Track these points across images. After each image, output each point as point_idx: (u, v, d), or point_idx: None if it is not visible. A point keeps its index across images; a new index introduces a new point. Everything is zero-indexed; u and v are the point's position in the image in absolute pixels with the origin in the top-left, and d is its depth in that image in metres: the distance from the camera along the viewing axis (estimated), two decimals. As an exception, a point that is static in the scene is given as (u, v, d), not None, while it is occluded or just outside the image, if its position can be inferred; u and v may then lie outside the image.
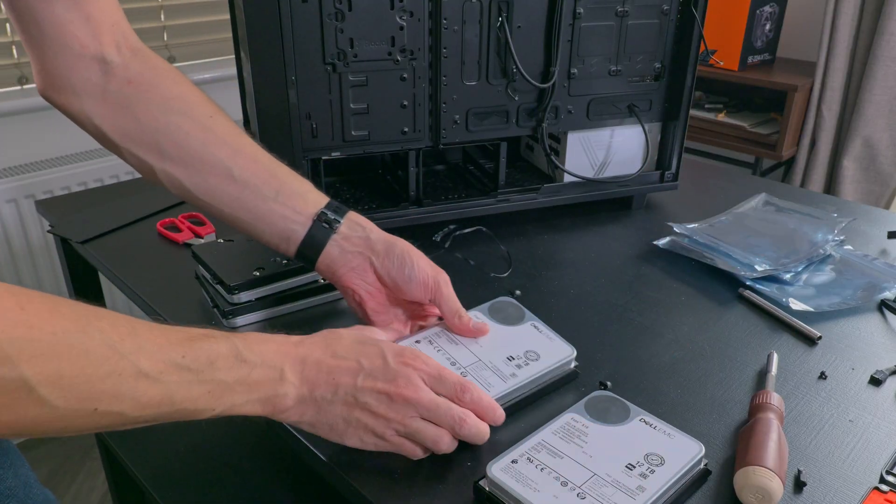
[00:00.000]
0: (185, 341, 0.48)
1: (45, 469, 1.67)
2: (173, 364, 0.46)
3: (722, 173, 1.20)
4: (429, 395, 0.54)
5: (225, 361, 0.49)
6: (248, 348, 0.51)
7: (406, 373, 0.54)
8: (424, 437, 0.54)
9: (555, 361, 0.63)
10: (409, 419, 0.54)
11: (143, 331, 0.46)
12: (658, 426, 0.56)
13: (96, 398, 0.43)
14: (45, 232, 1.60)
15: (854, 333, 0.75)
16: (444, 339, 0.65)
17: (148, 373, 0.45)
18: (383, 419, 0.54)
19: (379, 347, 0.56)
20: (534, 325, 0.68)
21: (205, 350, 0.49)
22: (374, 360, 0.55)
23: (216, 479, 1.01)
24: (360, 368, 0.54)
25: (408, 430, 0.54)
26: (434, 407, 0.54)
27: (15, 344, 0.39)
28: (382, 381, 0.54)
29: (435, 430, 0.54)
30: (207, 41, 1.88)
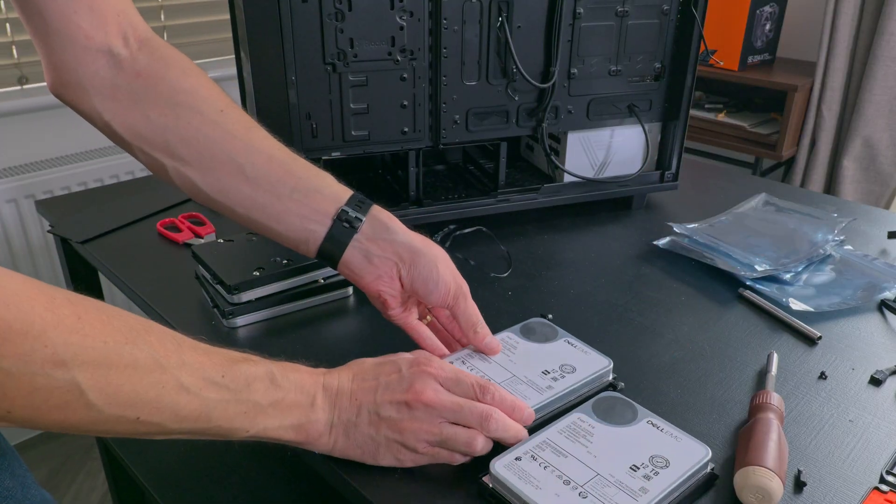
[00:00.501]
0: (225, 362, 0.50)
1: (45, 469, 1.67)
2: (212, 382, 0.48)
3: (722, 173, 1.20)
4: (448, 396, 0.54)
5: (261, 384, 0.51)
6: (283, 374, 0.53)
7: (422, 378, 0.54)
8: (457, 441, 0.54)
9: (591, 372, 0.63)
10: (436, 426, 0.53)
11: (187, 348, 0.48)
12: (665, 428, 0.56)
13: (139, 407, 0.45)
14: (45, 232, 1.60)
15: (854, 333, 0.75)
16: (477, 358, 0.64)
17: (189, 387, 0.47)
18: (410, 431, 0.53)
19: (396, 363, 0.56)
20: (567, 341, 0.67)
21: (242, 372, 0.50)
22: (390, 375, 0.55)
23: (216, 479, 1.01)
24: (377, 385, 0.55)
25: (439, 438, 0.53)
26: (457, 408, 0.53)
27: (70, 349, 0.41)
28: (399, 392, 0.54)
29: (465, 431, 0.54)
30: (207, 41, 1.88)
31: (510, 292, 0.82)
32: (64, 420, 0.43)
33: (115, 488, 1.24)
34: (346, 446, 0.55)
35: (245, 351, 0.53)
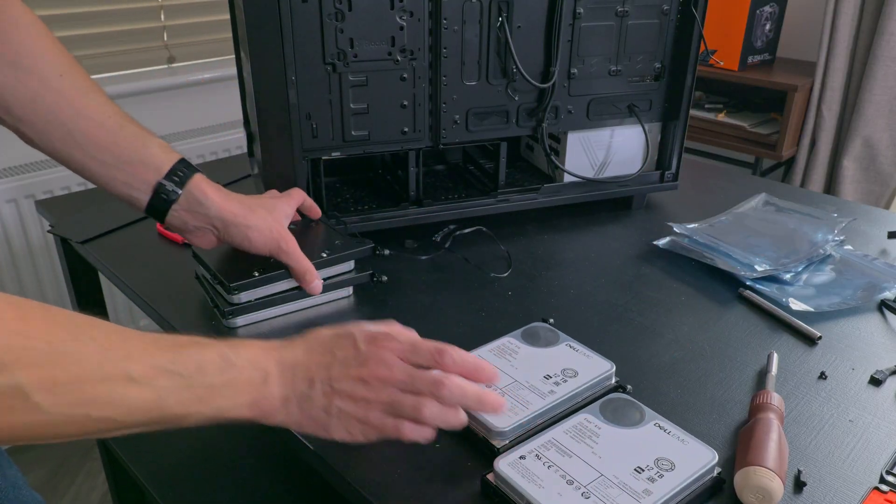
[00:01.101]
0: (173, 347, 0.49)
1: (44, 469, 1.67)
2: (163, 370, 0.47)
3: (722, 173, 1.20)
4: (401, 367, 0.53)
5: (212, 366, 0.50)
6: (235, 352, 0.52)
7: (378, 354, 0.53)
8: (403, 407, 0.53)
9: (593, 377, 0.63)
10: (390, 396, 0.53)
11: (133, 338, 0.48)
12: (673, 431, 0.56)
13: (88, 404, 0.44)
14: (45, 232, 1.60)
15: (854, 333, 0.75)
16: None
17: (138, 378, 0.46)
18: (363, 401, 0.53)
19: (352, 336, 0.55)
20: (569, 345, 0.67)
21: (193, 356, 0.50)
22: (346, 349, 0.54)
23: (216, 479, 1.01)
24: (333, 360, 0.54)
25: (388, 407, 0.53)
26: (408, 378, 0.53)
27: (12, 352, 0.41)
28: (356, 367, 0.53)
29: (413, 398, 0.53)
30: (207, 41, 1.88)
31: (510, 292, 0.82)
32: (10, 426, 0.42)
33: (115, 488, 1.24)
34: (300, 419, 0.54)
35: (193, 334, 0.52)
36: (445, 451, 0.58)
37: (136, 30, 1.74)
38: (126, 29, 1.72)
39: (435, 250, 0.91)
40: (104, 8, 1.67)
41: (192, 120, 1.83)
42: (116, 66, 1.73)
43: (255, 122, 0.84)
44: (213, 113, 1.84)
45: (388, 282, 0.83)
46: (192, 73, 1.81)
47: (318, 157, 0.86)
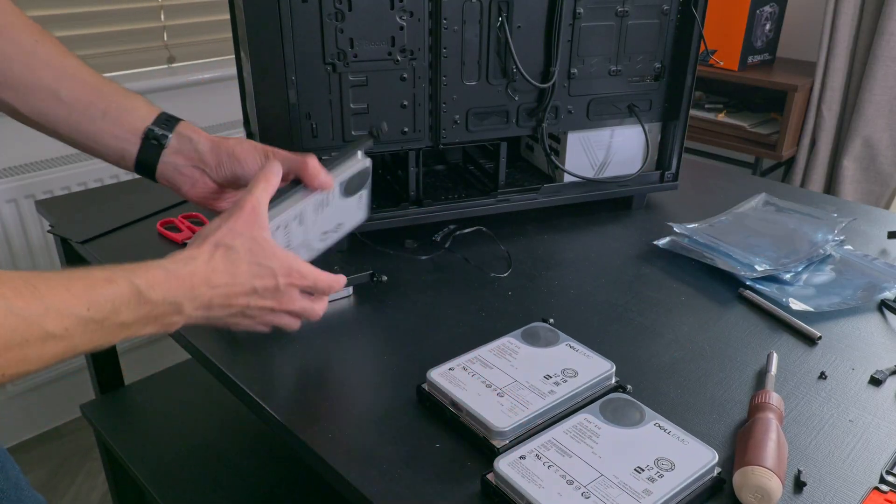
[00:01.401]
0: (86, 290, 0.49)
1: (44, 469, 1.67)
2: (79, 318, 0.48)
3: (722, 173, 1.20)
4: (301, 303, 0.63)
5: (127, 306, 0.51)
6: (151, 288, 0.53)
7: (290, 291, 0.61)
8: (288, 327, 0.65)
9: (593, 377, 0.63)
10: (277, 318, 0.63)
11: (44, 288, 0.46)
12: (673, 431, 0.56)
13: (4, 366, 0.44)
14: (45, 232, 1.60)
15: (854, 333, 0.75)
16: (479, 364, 0.64)
17: (55, 333, 0.46)
18: (260, 321, 0.62)
19: (271, 268, 0.60)
20: (569, 345, 0.67)
21: (108, 299, 0.50)
22: (266, 282, 0.60)
23: (216, 479, 1.01)
24: (253, 291, 0.59)
25: (273, 324, 0.63)
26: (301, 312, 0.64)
27: None
28: (271, 300, 0.61)
29: (295, 321, 0.64)
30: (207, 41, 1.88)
31: (510, 292, 0.82)
32: None
33: (115, 488, 1.24)
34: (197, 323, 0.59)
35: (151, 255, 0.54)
36: (445, 451, 0.58)
37: (136, 30, 1.74)
38: (126, 29, 1.72)
39: (435, 250, 0.91)
40: (104, 8, 1.67)
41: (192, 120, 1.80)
42: (116, 66, 1.73)
43: (255, 122, 0.84)
44: (213, 113, 1.84)
45: (388, 282, 0.83)
46: (192, 73, 1.81)
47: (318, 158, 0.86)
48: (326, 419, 0.62)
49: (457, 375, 0.62)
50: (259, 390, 0.65)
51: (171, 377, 1.24)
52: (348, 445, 0.59)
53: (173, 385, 1.22)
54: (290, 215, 0.65)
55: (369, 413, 0.63)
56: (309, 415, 0.63)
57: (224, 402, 1.16)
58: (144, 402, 1.18)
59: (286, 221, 0.65)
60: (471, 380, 0.62)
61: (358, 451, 0.58)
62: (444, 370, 0.63)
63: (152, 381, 1.24)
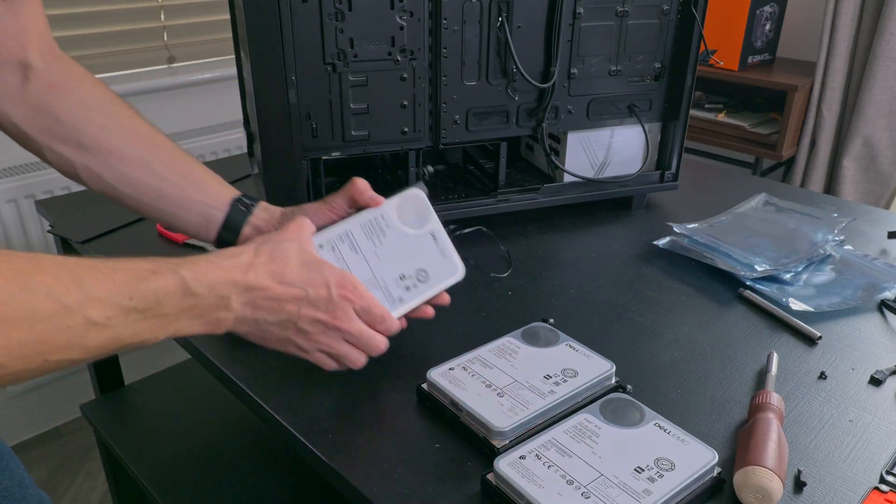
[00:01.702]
0: (130, 281, 0.49)
1: (44, 469, 1.67)
2: (121, 308, 0.48)
3: (722, 173, 1.20)
4: (358, 325, 0.60)
5: (172, 297, 0.51)
6: (196, 280, 0.52)
7: (344, 306, 0.59)
8: (347, 359, 0.61)
9: (593, 377, 0.63)
10: (336, 344, 0.60)
11: (87, 277, 0.46)
12: (673, 431, 0.56)
13: (46, 353, 0.44)
14: (45, 232, 1.60)
15: (854, 333, 0.75)
16: (479, 364, 0.64)
17: (97, 321, 0.46)
18: (314, 341, 0.59)
19: (324, 276, 0.58)
20: (569, 345, 0.67)
21: (152, 289, 0.50)
22: (318, 290, 0.58)
23: (216, 479, 1.01)
24: (304, 296, 0.58)
25: (333, 352, 0.60)
26: (359, 336, 0.60)
27: None
28: (323, 312, 0.58)
29: (356, 352, 0.61)
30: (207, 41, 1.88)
31: (510, 292, 0.82)
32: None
33: (115, 488, 1.24)
34: (248, 333, 0.58)
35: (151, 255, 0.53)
36: (445, 451, 0.58)
37: (136, 30, 1.74)
38: (126, 29, 1.72)
39: (435, 250, 0.91)
40: (104, 8, 1.67)
41: (192, 120, 1.83)
42: (116, 66, 1.73)
43: (255, 122, 0.84)
44: (213, 113, 1.84)
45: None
46: (192, 73, 1.81)
47: (318, 157, 0.86)
48: (326, 419, 0.62)
49: (457, 375, 0.62)
50: (259, 390, 0.65)
51: (171, 377, 1.24)
52: (348, 445, 0.59)
53: (173, 385, 1.22)
54: (335, 233, 0.65)
55: (369, 413, 0.63)
56: (309, 415, 0.62)
57: (224, 402, 1.16)
58: (144, 402, 1.18)
59: (331, 239, 0.64)
60: (471, 380, 0.62)
61: (358, 451, 0.58)
62: (444, 370, 0.63)
63: (152, 381, 1.24)
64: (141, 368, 1.44)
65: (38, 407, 1.75)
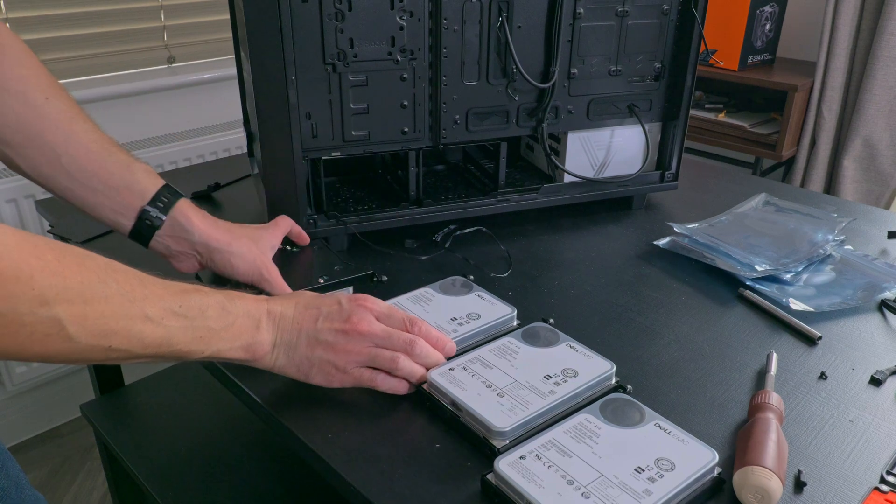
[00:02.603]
0: (180, 293, 0.55)
1: (44, 469, 1.67)
2: (172, 312, 0.54)
3: (722, 173, 1.20)
4: (380, 326, 0.62)
5: (214, 311, 0.57)
6: (231, 302, 0.59)
7: (359, 311, 0.61)
8: (382, 361, 0.61)
9: (593, 377, 0.63)
10: (366, 349, 0.61)
11: (148, 282, 0.54)
12: (673, 431, 0.56)
13: (111, 336, 0.50)
14: (45, 232, 1.60)
15: (854, 333, 0.75)
16: (479, 364, 0.64)
17: (152, 317, 0.52)
18: (343, 353, 0.61)
19: (336, 296, 0.63)
20: (569, 345, 0.67)
21: (197, 302, 0.56)
22: (331, 305, 0.62)
23: (216, 479, 1.01)
24: (319, 314, 0.62)
25: (366, 359, 0.61)
26: (386, 335, 0.61)
27: (53, 290, 0.46)
28: (339, 321, 0.61)
29: (390, 353, 0.61)
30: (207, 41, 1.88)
31: (510, 292, 0.82)
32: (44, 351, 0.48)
33: (115, 488, 1.24)
34: (285, 364, 0.61)
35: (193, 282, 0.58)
36: (445, 451, 0.58)
37: (136, 30, 1.74)
38: (126, 29, 1.72)
39: (435, 250, 0.91)
40: (104, 8, 1.67)
41: (192, 120, 1.83)
42: (116, 66, 1.73)
43: (255, 122, 0.84)
44: (213, 113, 1.84)
45: (388, 282, 0.83)
46: (192, 73, 1.81)
47: (318, 157, 0.86)
48: (326, 419, 0.62)
49: (457, 375, 0.62)
50: (259, 390, 0.65)
51: (171, 377, 1.24)
52: (348, 445, 0.59)
53: (173, 385, 1.22)
54: None
55: (369, 413, 0.63)
56: (309, 415, 0.62)
57: (224, 402, 1.16)
58: (144, 402, 1.18)
59: None
60: (471, 380, 0.62)
61: (358, 451, 0.58)
62: (444, 370, 0.63)
63: (152, 381, 1.24)
64: (141, 368, 1.45)
65: (38, 407, 1.75)
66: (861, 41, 1.95)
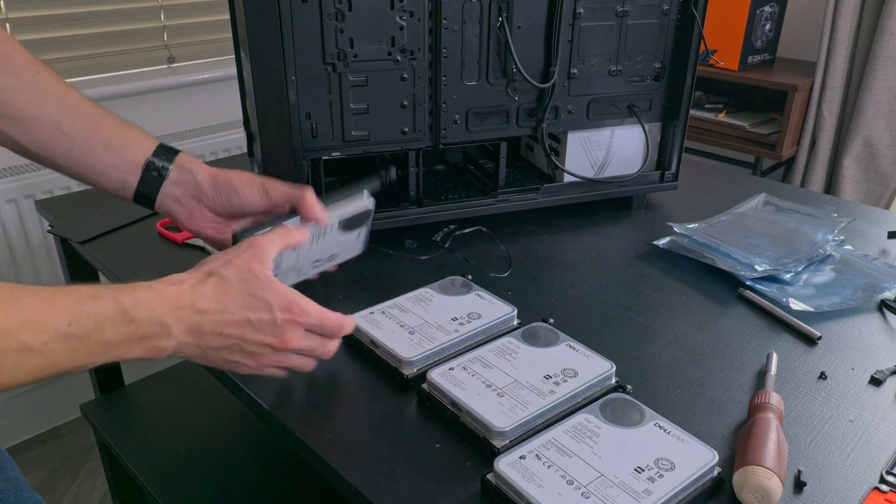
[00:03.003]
0: (70, 306, 0.48)
1: (44, 469, 1.67)
2: (59, 333, 0.47)
3: (722, 173, 1.20)
4: (308, 342, 0.60)
5: (112, 324, 0.50)
6: (137, 306, 0.52)
7: (291, 329, 0.58)
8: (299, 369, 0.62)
9: (593, 377, 0.63)
10: (286, 359, 0.60)
11: (27, 301, 0.46)
12: (673, 431, 0.56)
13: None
14: (45, 232, 1.60)
15: (854, 333, 0.75)
16: (479, 364, 0.64)
17: (33, 346, 0.45)
18: (263, 360, 0.59)
19: (267, 301, 0.57)
20: (569, 345, 0.67)
21: (91, 315, 0.49)
22: (261, 315, 0.57)
23: (216, 479, 1.01)
24: (247, 323, 0.57)
25: (283, 366, 0.61)
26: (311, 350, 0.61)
27: None
28: (270, 336, 0.58)
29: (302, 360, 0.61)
30: (207, 41, 1.88)
31: (510, 292, 0.82)
32: None
33: (115, 488, 1.24)
34: (192, 356, 0.57)
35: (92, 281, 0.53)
36: (445, 451, 0.58)
37: (136, 30, 1.74)
38: (126, 29, 1.72)
39: (435, 250, 0.91)
40: (104, 8, 1.67)
41: (192, 120, 1.83)
42: (116, 66, 1.73)
43: (255, 122, 0.84)
44: (213, 113, 1.84)
45: (389, 282, 0.83)
46: (192, 73, 1.81)
47: (318, 157, 0.86)
48: (326, 419, 0.62)
49: (457, 375, 0.62)
50: (259, 391, 0.65)
51: (171, 377, 1.24)
52: (348, 445, 0.59)
53: (173, 385, 1.22)
54: None
55: (369, 413, 0.63)
56: (309, 415, 0.63)
57: (224, 402, 1.16)
58: (144, 402, 1.18)
59: None
60: (471, 380, 0.62)
61: (358, 451, 0.58)
62: (444, 370, 0.63)
63: (152, 381, 1.24)
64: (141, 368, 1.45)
65: (38, 407, 1.75)
66: (861, 41, 1.95)
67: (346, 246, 0.75)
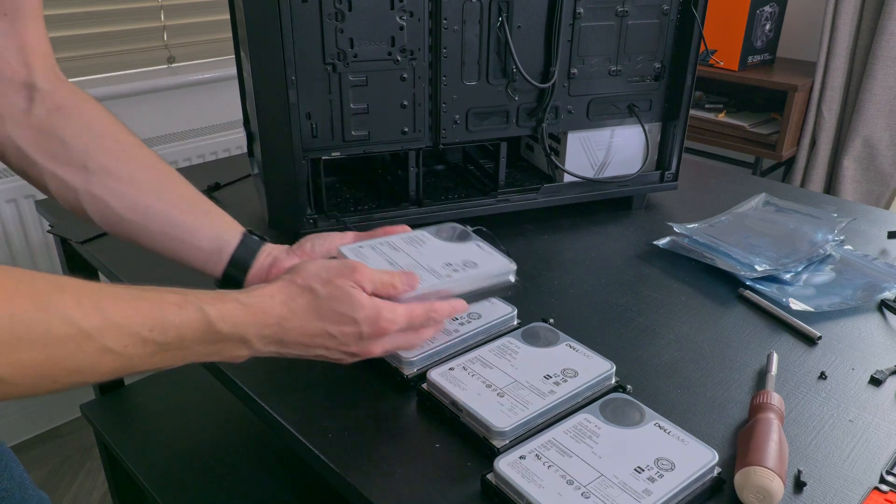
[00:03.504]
0: (153, 311, 0.48)
1: (44, 469, 1.67)
2: (140, 338, 0.47)
3: (722, 173, 1.20)
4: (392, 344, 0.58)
5: (194, 334, 0.50)
6: (222, 318, 0.51)
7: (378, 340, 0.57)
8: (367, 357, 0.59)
9: (593, 377, 0.63)
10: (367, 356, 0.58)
11: (109, 303, 0.46)
12: (673, 431, 0.56)
13: (56, 375, 0.44)
14: (45, 232, 1.60)
15: (854, 333, 0.75)
16: (479, 364, 0.64)
17: (113, 349, 0.45)
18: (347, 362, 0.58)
19: (354, 319, 0.55)
20: (569, 345, 0.67)
21: (174, 325, 0.49)
22: (347, 329, 0.56)
23: (216, 479, 1.01)
24: (330, 338, 0.56)
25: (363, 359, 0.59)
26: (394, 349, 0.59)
27: None
28: (354, 346, 0.56)
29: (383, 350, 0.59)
30: (207, 41, 1.88)
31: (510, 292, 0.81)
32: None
33: (115, 488, 1.24)
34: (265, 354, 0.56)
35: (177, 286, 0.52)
36: (445, 451, 0.58)
37: (136, 30, 1.74)
38: (126, 29, 1.72)
39: (435, 250, 0.91)
40: (104, 8, 1.67)
41: (192, 120, 1.83)
42: (116, 66, 1.73)
43: (255, 122, 0.84)
44: (213, 113, 1.84)
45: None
46: (192, 73, 1.81)
47: (318, 157, 0.86)
48: (326, 419, 0.62)
49: (457, 375, 0.62)
50: (259, 390, 0.65)
51: (171, 377, 1.24)
52: (348, 445, 0.59)
53: (173, 385, 1.22)
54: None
55: (369, 413, 0.63)
56: (309, 415, 0.63)
57: (224, 402, 1.16)
58: (144, 402, 1.18)
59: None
60: (471, 380, 0.62)
61: (358, 451, 0.58)
62: (444, 370, 0.63)
63: (152, 381, 1.24)
64: (141, 368, 1.44)
65: (38, 407, 1.75)
66: (861, 41, 1.95)
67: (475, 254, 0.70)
